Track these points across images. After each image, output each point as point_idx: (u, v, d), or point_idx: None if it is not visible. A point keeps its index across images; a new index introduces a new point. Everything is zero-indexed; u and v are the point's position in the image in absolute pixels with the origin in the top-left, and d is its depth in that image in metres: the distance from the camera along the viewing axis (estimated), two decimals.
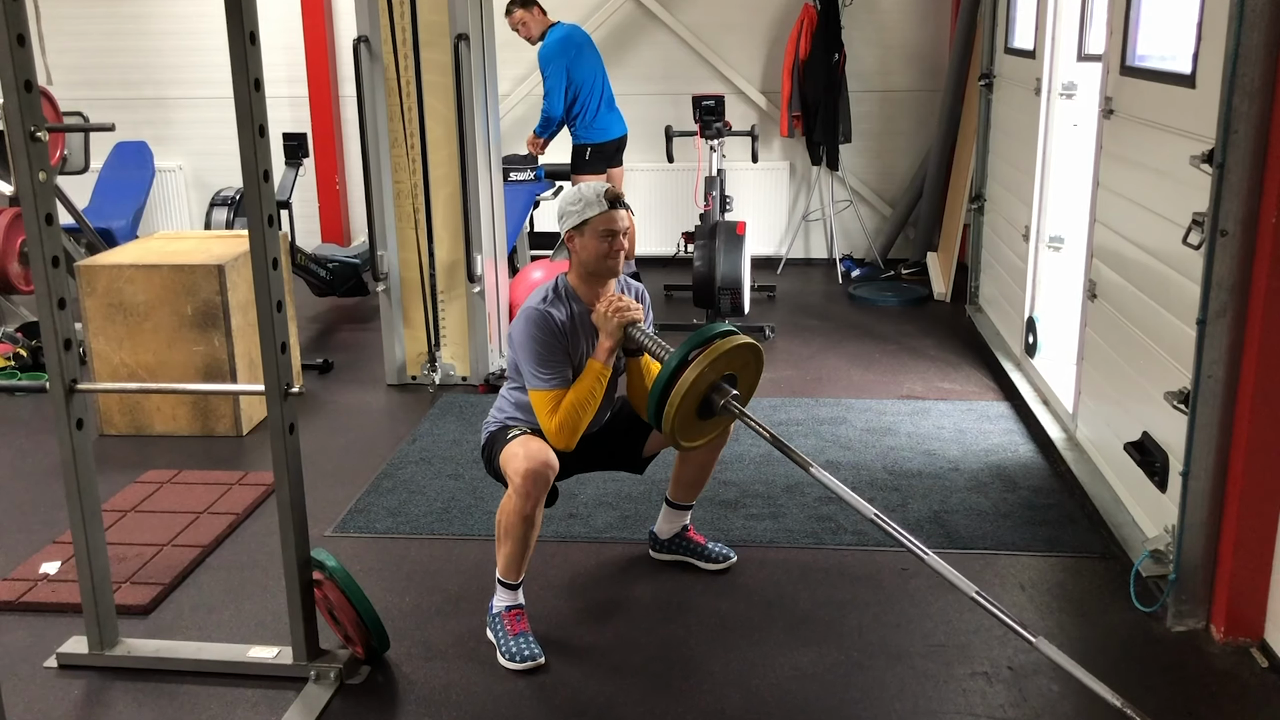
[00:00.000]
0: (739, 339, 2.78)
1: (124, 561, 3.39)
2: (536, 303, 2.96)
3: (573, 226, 2.94)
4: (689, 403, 2.73)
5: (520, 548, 2.88)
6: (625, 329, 2.91)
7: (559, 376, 2.91)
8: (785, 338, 5.85)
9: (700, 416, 2.82)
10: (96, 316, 4.40)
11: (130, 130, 7.13)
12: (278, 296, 2.55)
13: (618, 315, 2.89)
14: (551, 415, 2.89)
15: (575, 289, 3.01)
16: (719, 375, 2.77)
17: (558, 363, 2.92)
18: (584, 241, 2.93)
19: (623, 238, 2.96)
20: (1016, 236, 5.07)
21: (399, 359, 5.15)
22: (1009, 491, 3.85)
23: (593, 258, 2.94)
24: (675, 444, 2.87)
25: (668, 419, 2.73)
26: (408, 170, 4.90)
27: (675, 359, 2.73)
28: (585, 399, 2.90)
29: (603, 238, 2.91)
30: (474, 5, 4.76)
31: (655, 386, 2.75)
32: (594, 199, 2.92)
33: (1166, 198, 3.16)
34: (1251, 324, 2.69)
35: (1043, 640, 2.39)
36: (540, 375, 2.90)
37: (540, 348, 2.90)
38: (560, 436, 2.90)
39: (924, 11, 7.23)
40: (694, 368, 2.69)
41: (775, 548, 3.50)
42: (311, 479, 3.92)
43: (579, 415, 2.90)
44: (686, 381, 2.68)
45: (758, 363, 2.89)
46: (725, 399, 2.78)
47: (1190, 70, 3.00)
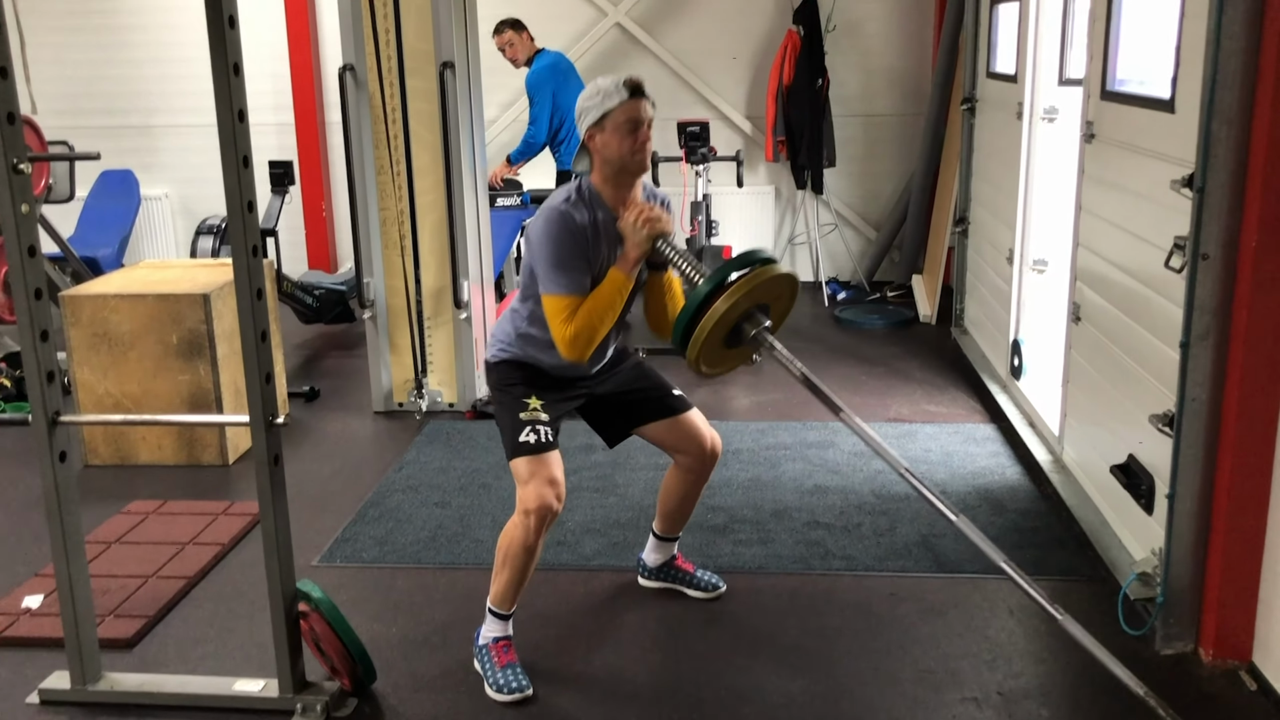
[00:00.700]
0: (779, 269, 2.62)
1: (107, 594, 3.36)
2: (558, 202, 2.77)
3: (593, 122, 2.73)
4: (719, 332, 2.58)
5: (519, 577, 2.84)
6: (654, 241, 2.73)
7: (576, 283, 2.72)
8: (772, 361, 5.83)
9: (727, 345, 2.68)
10: (81, 346, 4.38)
11: (116, 158, 7.12)
12: (262, 327, 2.54)
13: (648, 226, 2.71)
14: (566, 324, 2.71)
15: (599, 192, 2.81)
16: (754, 304, 2.61)
17: (576, 268, 2.73)
18: (606, 138, 2.73)
19: (647, 129, 2.76)
20: (1000, 259, 5.10)
21: (385, 386, 5.14)
22: (996, 514, 3.85)
23: (617, 154, 2.73)
24: (696, 370, 2.71)
25: (694, 345, 2.58)
26: (394, 197, 4.90)
27: (709, 285, 2.55)
28: (604, 310, 2.73)
29: (626, 131, 2.71)
30: (459, 33, 4.78)
31: (685, 310, 2.58)
32: (612, 89, 2.72)
33: (1148, 221, 3.18)
34: (1234, 347, 2.71)
35: (1068, 618, 2.40)
36: (556, 279, 2.72)
37: (559, 249, 2.71)
38: (574, 347, 2.73)
39: (906, 36, 7.28)
40: (729, 297, 2.52)
41: (764, 574, 3.49)
42: (298, 508, 3.89)
43: (596, 326, 2.73)
44: (718, 312, 2.52)
45: (792, 293, 2.75)
46: (758, 330, 2.64)
47: (1169, 95, 3.03)
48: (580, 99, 2.79)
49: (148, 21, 7.56)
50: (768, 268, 2.61)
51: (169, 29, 7.49)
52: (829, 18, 7.05)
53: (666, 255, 2.76)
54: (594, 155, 2.80)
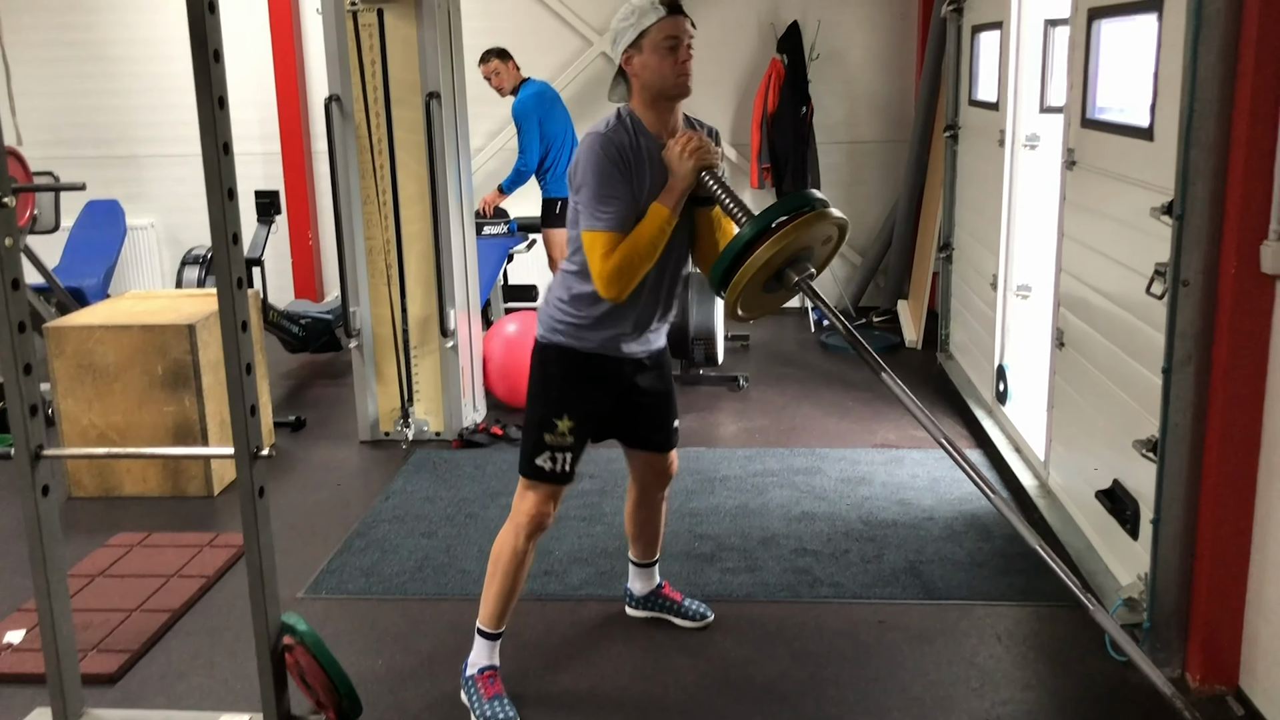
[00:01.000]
0: (831, 214, 2.47)
1: (90, 629, 3.33)
2: (599, 127, 2.63)
3: (629, 44, 2.58)
4: (761, 276, 2.46)
5: (510, 585, 2.83)
6: (700, 174, 2.59)
7: (618, 215, 2.56)
8: (759, 387, 5.86)
9: (766, 290, 2.56)
10: (65, 378, 4.37)
11: (102, 188, 7.12)
12: (247, 359, 2.53)
13: (694, 156, 2.56)
14: (606, 259, 2.55)
15: (641, 119, 2.65)
16: (801, 249, 2.49)
17: (619, 198, 2.57)
18: (644, 59, 2.57)
19: (688, 48, 2.59)
20: (985, 285, 5.12)
21: (372, 415, 5.13)
22: (983, 540, 3.86)
23: (656, 76, 2.58)
24: (733, 314, 2.60)
25: (734, 289, 2.46)
26: (380, 226, 4.91)
27: (754, 228, 2.43)
28: (646, 246, 2.57)
29: (665, 51, 2.56)
30: (445, 63, 4.81)
31: (728, 251, 2.46)
32: (647, 7, 2.56)
33: (1129, 248, 3.21)
34: (1216, 372, 2.73)
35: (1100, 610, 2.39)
36: (598, 212, 2.56)
37: (599, 178, 2.56)
38: (614, 283, 2.57)
39: (889, 64, 7.35)
40: (776, 241, 2.40)
41: (752, 602, 3.48)
42: (283, 539, 3.89)
43: (637, 263, 2.57)
44: (762, 257, 2.40)
45: (841, 237, 2.62)
46: (801, 278, 2.51)
47: (1148, 123, 3.06)
48: (615, 21, 2.65)
49: (133, 53, 7.57)
50: (819, 213, 2.45)
51: (155, 60, 7.50)
52: (812, 46, 7.12)
53: (711, 190, 2.60)
54: (632, 80, 2.64)
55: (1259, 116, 2.54)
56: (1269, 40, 2.50)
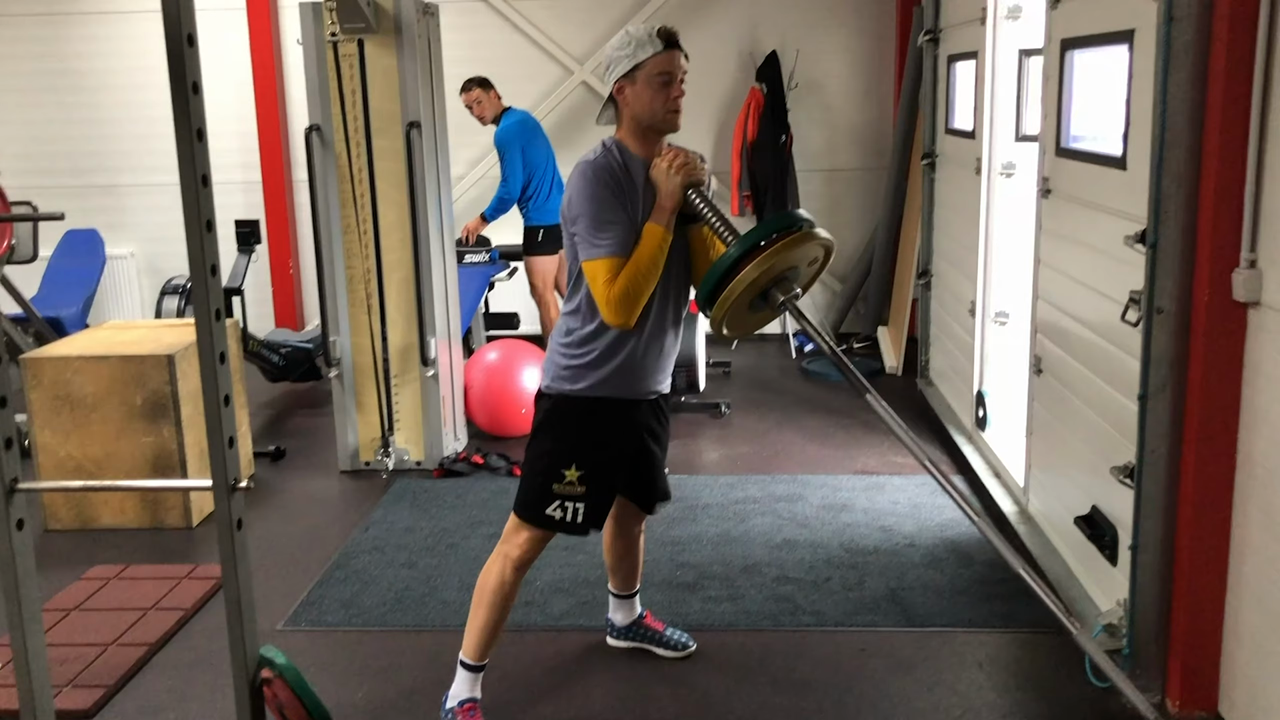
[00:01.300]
0: (818, 234, 2.50)
1: (66, 664, 3.30)
2: (590, 156, 2.64)
3: (623, 74, 2.59)
4: (747, 296, 2.48)
5: (495, 616, 2.82)
6: (686, 190, 2.60)
7: (617, 241, 2.56)
8: (741, 413, 5.87)
9: (752, 309, 2.59)
10: (43, 409, 4.34)
11: (81, 218, 7.10)
12: (225, 391, 2.52)
13: (681, 173, 2.58)
14: (609, 284, 2.55)
15: (627, 147, 2.67)
16: (788, 268, 2.51)
17: (617, 222, 2.57)
18: (636, 90, 2.59)
19: (681, 83, 2.62)
20: (963, 311, 5.16)
21: (352, 445, 5.11)
22: (964, 567, 3.87)
23: (647, 109, 2.60)
24: (718, 332, 2.63)
25: (720, 307, 2.48)
26: (360, 255, 4.91)
27: (741, 247, 2.44)
28: (647, 267, 2.57)
29: (659, 85, 2.57)
30: (425, 93, 4.83)
31: (714, 270, 2.47)
32: (645, 38, 2.57)
33: (1104, 275, 3.24)
34: (1191, 399, 2.75)
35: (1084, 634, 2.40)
36: (597, 239, 2.56)
37: (596, 203, 2.56)
38: (620, 309, 2.57)
39: (867, 93, 7.42)
40: (764, 261, 2.42)
41: (734, 631, 3.47)
42: (262, 571, 3.86)
43: (641, 285, 2.57)
44: (748, 276, 2.42)
45: (826, 258, 2.63)
46: (786, 297, 2.53)
47: (1121, 152, 3.10)
48: (609, 48, 2.66)
49: (113, 82, 7.57)
50: (805, 233, 2.47)
51: (134, 89, 7.50)
52: (791, 75, 7.18)
53: (698, 208, 2.62)
54: (622, 109, 2.66)
55: (1228, 146, 2.58)
56: (1237, 71, 2.54)
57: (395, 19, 4.68)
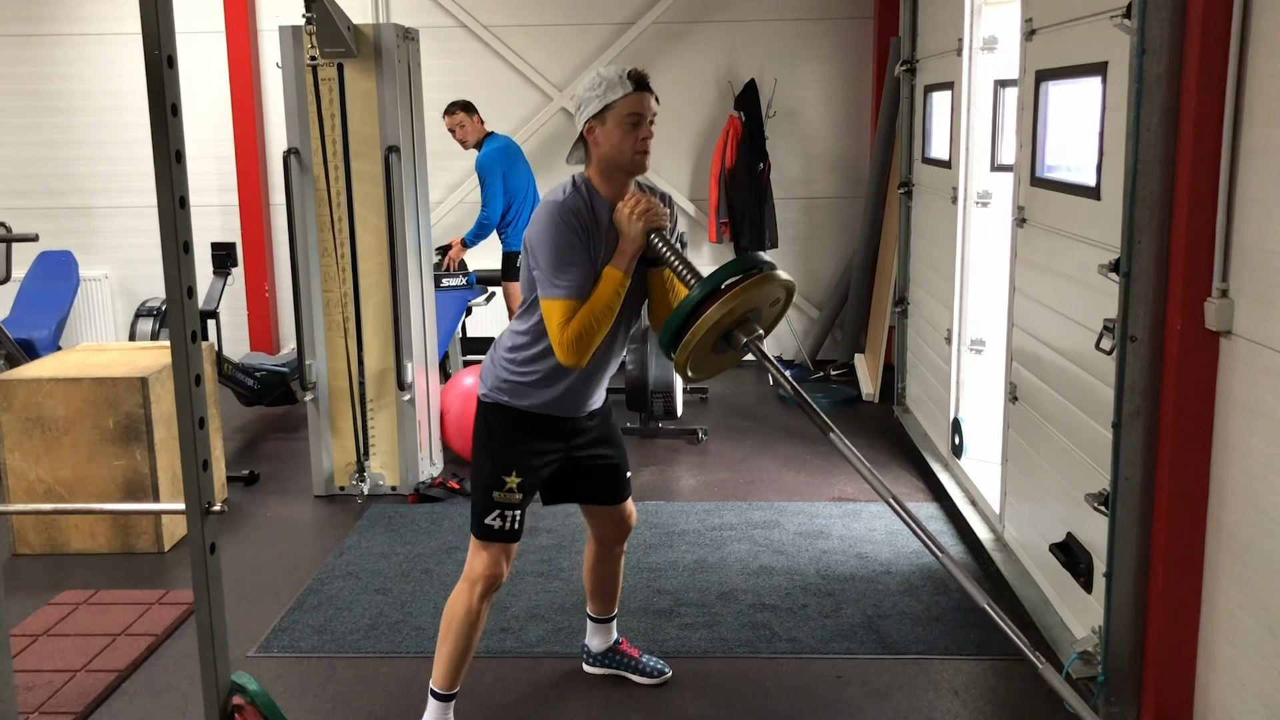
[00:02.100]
0: (778, 276, 2.53)
1: (33, 690, 3.24)
2: (556, 196, 2.66)
3: (593, 114, 2.62)
4: (710, 338, 2.50)
5: (462, 648, 2.80)
6: (649, 235, 2.63)
7: (576, 283, 2.60)
8: (718, 440, 5.87)
9: (716, 351, 2.60)
10: (13, 432, 4.29)
11: (55, 239, 7.05)
12: (200, 414, 2.50)
13: (643, 218, 2.61)
14: (564, 328, 2.59)
15: (595, 186, 2.70)
16: (748, 310, 2.53)
17: (577, 265, 2.60)
18: (606, 131, 2.62)
19: (650, 125, 2.65)
20: (939, 339, 5.19)
21: (326, 469, 5.07)
22: (940, 594, 3.87)
23: (616, 150, 2.62)
24: (682, 373, 2.63)
25: (684, 350, 2.50)
26: (338, 279, 4.89)
27: (703, 290, 2.47)
28: (602, 311, 2.61)
29: (629, 126, 2.60)
30: (405, 118, 4.83)
31: (676, 314, 2.49)
32: (616, 80, 2.60)
33: (1078, 304, 3.27)
34: (1164, 427, 2.77)
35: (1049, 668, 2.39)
36: (557, 280, 2.60)
37: (558, 245, 2.59)
38: (573, 351, 2.61)
39: (845, 123, 7.48)
40: (725, 304, 2.44)
41: (710, 658, 3.46)
42: (235, 596, 3.82)
43: (594, 328, 2.61)
44: (712, 319, 2.44)
45: (788, 300, 2.67)
46: (750, 339, 2.55)
47: (1095, 183, 3.14)
48: (580, 89, 2.68)
49: (89, 104, 7.54)
50: (766, 275, 2.51)
51: (110, 111, 7.47)
52: (769, 104, 7.24)
53: (660, 251, 2.65)
54: (591, 150, 2.69)
55: (1200, 176, 2.61)
56: (1208, 102, 2.58)
57: (375, 43, 4.69)
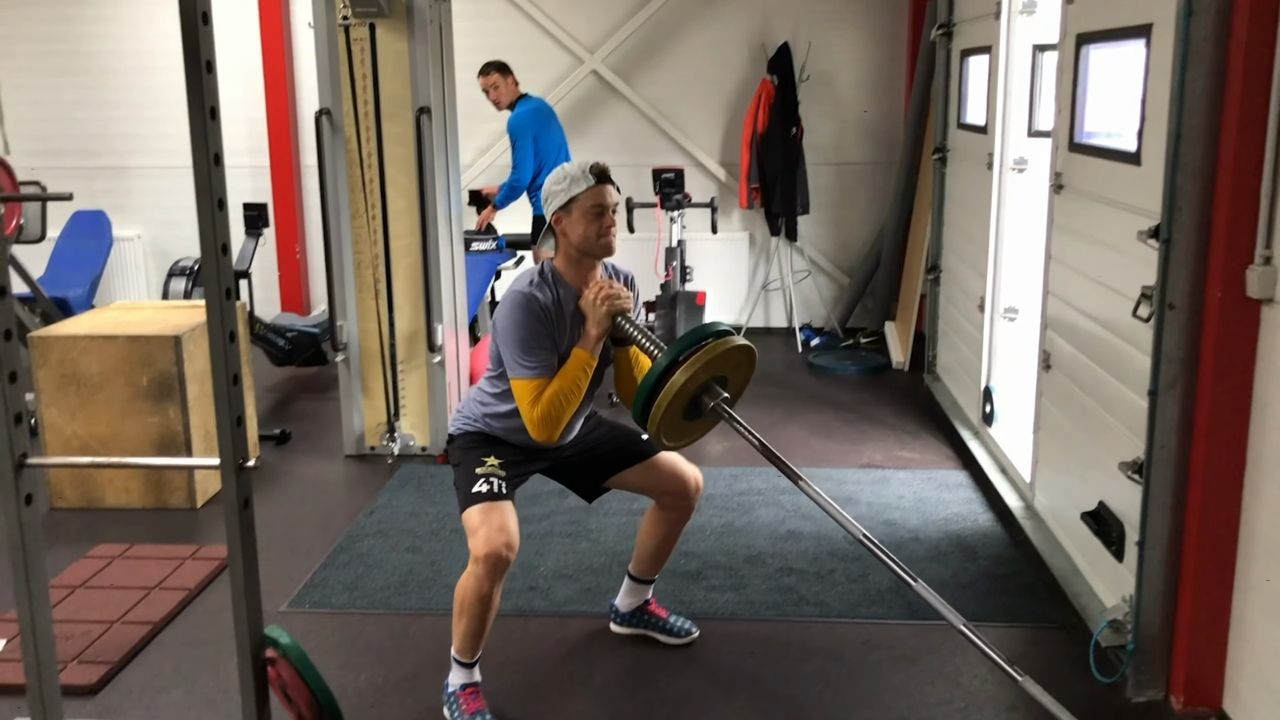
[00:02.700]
0: (734, 341, 2.68)
1: (70, 640, 3.30)
2: (523, 286, 2.83)
3: (559, 206, 2.80)
4: (678, 404, 2.63)
5: (477, 626, 2.83)
6: (614, 318, 2.80)
7: (543, 365, 2.79)
8: (745, 406, 5.81)
9: (687, 418, 2.73)
10: (49, 388, 4.34)
11: (89, 199, 7.10)
12: (234, 370, 2.52)
13: (606, 303, 2.78)
14: (534, 405, 2.78)
15: (562, 273, 2.88)
16: (710, 376, 2.67)
17: (543, 350, 2.79)
18: (572, 222, 2.80)
19: (612, 214, 2.84)
20: (972, 307, 5.15)
21: (357, 429, 5.11)
22: (969, 561, 3.86)
23: (582, 238, 2.81)
24: (659, 444, 2.77)
25: (653, 420, 2.63)
26: (369, 241, 4.91)
27: (666, 359, 2.62)
28: (570, 389, 2.79)
29: (592, 216, 2.79)
30: (436, 79, 4.82)
31: (644, 385, 2.64)
32: (579, 175, 2.80)
33: (1116, 271, 3.23)
34: (1201, 396, 2.74)
35: (1029, 680, 2.38)
36: (524, 363, 2.78)
37: (525, 333, 2.78)
38: (542, 429, 2.79)
39: (879, 87, 7.39)
40: (685, 370, 2.58)
41: (737, 620, 3.47)
42: (267, 553, 3.85)
43: (563, 406, 2.79)
44: (676, 384, 2.58)
45: (750, 365, 2.80)
46: (715, 402, 2.69)
47: (1135, 149, 3.09)
48: (547, 182, 2.87)
49: (122, 64, 7.56)
50: (724, 340, 2.66)
51: (144, 71, 7.50)
52: (803, 68, 7.16)
53: (627, 331, 2.83)
54: (559, 238, 2.87)
55: (1245, 141, 2.56)
56: (1256, 66, 2.53)
57: (407, 4, 4.67)
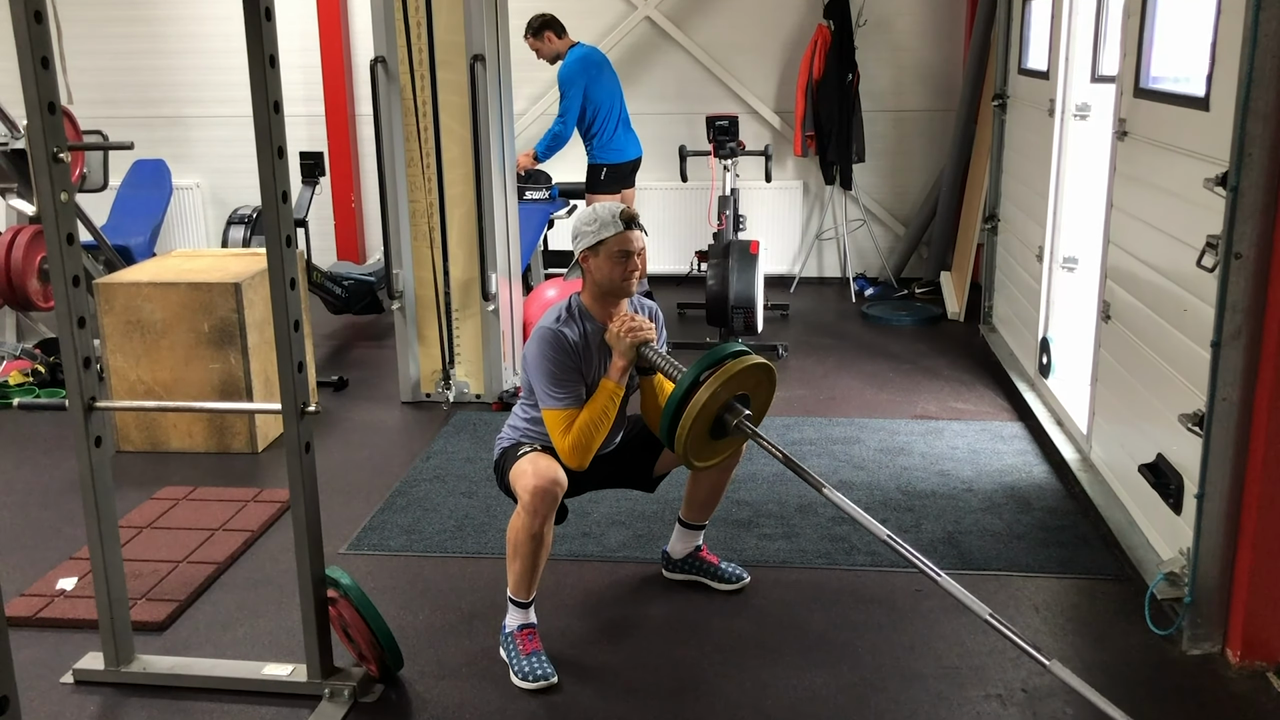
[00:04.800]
0: (751, 359, 2.77)
1: (139, 578, 3.41)
2: (550, 322, 2.98)
3: (588, 247, 2.95)
4: (701, 423, 2.74)
5: (530, 565, 2.88)
6: (638, 349, 2.92)
7: (572, 395, 2.92)
8: (798, 356, 5.85)
9: (713, 436, 2.83)
10: (114, 334, 4.44)
11: (149, 148, 7.19)
12: (295, 316, 2.57)
13: (630, 335, 2.91)
14: (565, 435, 2.91)
15: (588, 308, 3.02)
16: (731, 395, 2.77)
17: (571, 382, 2.93)
18: (598, 262, 2.94)
19: (637, 258, 2.97)
20: (1030, 257, 5.07)
21: (413, 376, 5.18)
22: (1023, 513, 3.84)
23: (607, 278, 2.95)
24: (688, 464, 2.88)
25: (680, 440, 2.73)
26: (423, 189, 4.93)
27: (687, 380, 2.74)
28: (598, 418, 2.92)
29: (618, 259, 2.93)
30: (490, 26, 4.80)
31: (668, 407, 2.76)
32: (609, 219, 2.93)
33: (1180, 220, 3.16)
34: (1267, 346, 2.69)
35: (1056, 663, 2.38)
36: (554, 394, 2.91)
37: (554, 367, 2.91)
38: (574, 456, 2.91)
39: (938, 32, 7.25)
40: (706, 389, 2.69)
41: (789, 568, 3.49)
42: (326, 496, 3.93)
43: (592, 434, 2.91)
44: (698, 403, 2.69)
45: (770, 382, 2.89)
46: (738, 419, 2.78)
47: (1204, 93, 3.01)
48: (576, 221, 2.99)
49: (181, 13, 7.63)
50: (741, 359, 2.76)
51: (202, 20, 7.56)
52: (860, 12, 7.03)
53: (651, 360, 2.95)
54: (586, 275, 3.00)
55: None
56: None
57: None
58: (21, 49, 2.41)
